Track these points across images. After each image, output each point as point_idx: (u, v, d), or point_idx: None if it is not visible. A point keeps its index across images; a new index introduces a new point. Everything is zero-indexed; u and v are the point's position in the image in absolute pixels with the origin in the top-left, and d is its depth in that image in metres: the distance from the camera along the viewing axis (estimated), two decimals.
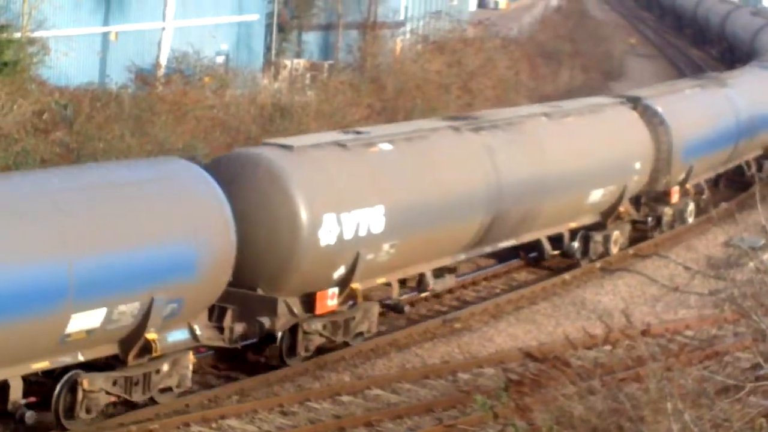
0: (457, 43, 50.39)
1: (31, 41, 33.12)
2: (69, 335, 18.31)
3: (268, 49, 44.71)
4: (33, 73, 32.74)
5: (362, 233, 23.09)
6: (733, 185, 41.42)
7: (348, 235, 22.73)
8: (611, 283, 30.82)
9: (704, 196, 36.96)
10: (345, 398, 22.10)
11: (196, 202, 20.18)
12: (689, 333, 27.16)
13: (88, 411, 19.44)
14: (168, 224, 19.65)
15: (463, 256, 26.96)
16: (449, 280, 26.82)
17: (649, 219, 34.14)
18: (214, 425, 20.46)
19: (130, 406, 20.34)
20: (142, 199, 19.43)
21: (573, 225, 30.64)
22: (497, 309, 27.99)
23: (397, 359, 24.45)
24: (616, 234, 32.05)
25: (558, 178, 28.71)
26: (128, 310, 18.98)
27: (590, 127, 31.05)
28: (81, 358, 18.99)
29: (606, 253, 31.81)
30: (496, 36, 54.53)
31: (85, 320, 18.41)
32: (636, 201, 33.67)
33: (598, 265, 31.85)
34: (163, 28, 38.31)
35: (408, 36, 51.32)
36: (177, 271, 19.54)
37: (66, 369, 19.12)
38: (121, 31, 38.32)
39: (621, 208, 32.12)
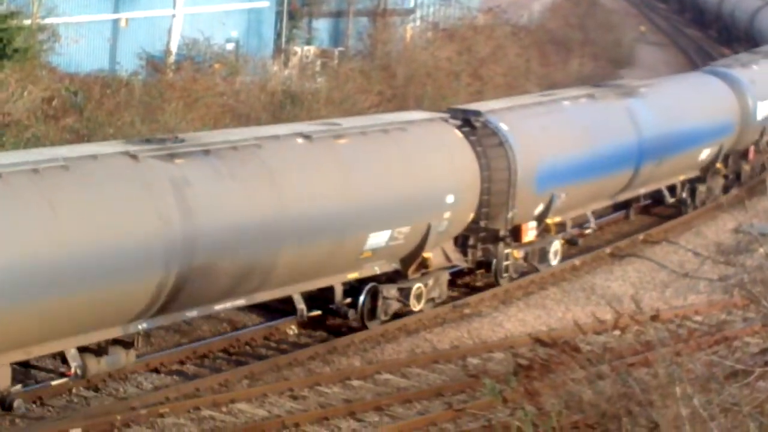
0: (467, 31, 50.38)
1: (42, 28, 33.18)
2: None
3: (278, 36, 44.71)
4: (43, 60, 32.82)
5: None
6: (652, 213, 36.35)
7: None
8: (621, 268, 30.84)
9: (588, 232, 31.69)
10: (355, 383, 22.17)
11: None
12: (698, 318, 27.19)
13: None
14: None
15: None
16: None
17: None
18: (224, 409, 20.55)
19: None
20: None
21: None
22: (507, 294, 28.03)
23: (407, 344, 24.52)
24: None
25: (297, 225, 21.69)
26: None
27: (375, 152, 23.86)
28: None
29: None
30: (507, 23, 54.46)
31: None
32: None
33: (608, 251, 31.88)
34: (174, 15, 38.33)
35: (418, 23, 51.29)
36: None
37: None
38: (132, 18, 38.37)
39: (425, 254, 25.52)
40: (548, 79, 50.58)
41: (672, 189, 35.34)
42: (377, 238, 23.58)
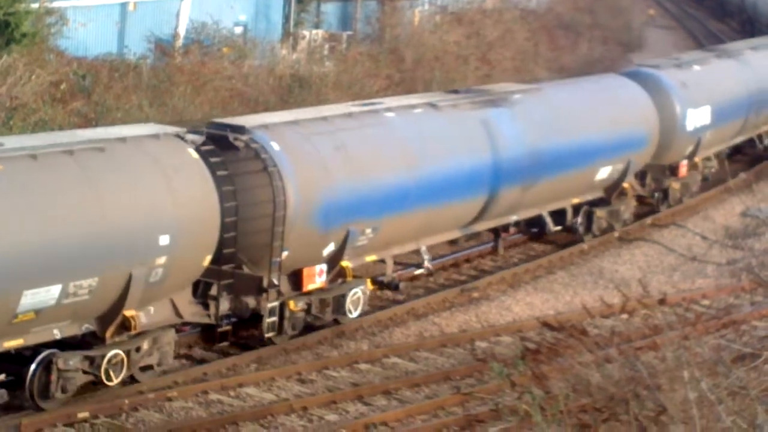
0: (475, 14, 50.31)
1: (49, 12, 33.18)
2: None
3: (286, 19, 44.66)
4: (51, 44, 32.83)
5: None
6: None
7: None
8: (629, 252, 30.82)
9: (420, 272, 26.63)
10: (363, 366, 22.20)
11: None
12: (706, 302, 27.18)
13: None
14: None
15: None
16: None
17: None
18: (232, 393, 20.58)
19: None
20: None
21: None
22: (515, 278, 28.04)
23: (415, 328, 24.54)
24: None
25: None
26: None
27: (49, 182, 18.25)
28: None
29: None
30: (515, 7, 54.38)
31: None
32: None
33: (616, 235, 31.86)
34: None
35: (426, 7, 51.19)
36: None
37: None
38: (140, 1, 38.33)
39: None
40: (557, 63, 50.52)
41: (561, 214, 29.62)
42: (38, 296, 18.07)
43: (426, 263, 25.64)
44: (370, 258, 24.14)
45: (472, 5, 51.74)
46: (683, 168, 33.88)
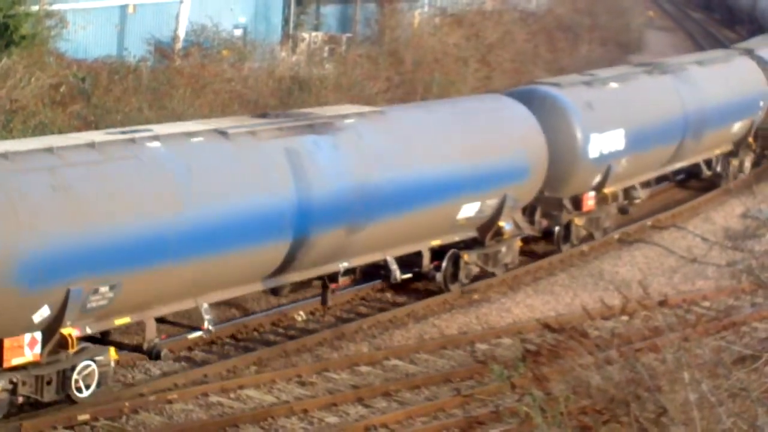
0: (475, 16, 50.28)
1: (49, 14, 33.12)
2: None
3: (286, 21, 44.65)
4: (51, 47, 32.76)
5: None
6: None
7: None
8: (629, 254, 30.82)
9: None
10: (363, 368, 22.20)
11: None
12: (706, 304, 27.19)
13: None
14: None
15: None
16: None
17: None
18: (232, 395, 20.58)
19: None
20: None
21: None
22: (515, 280, 28.03)
23: (415, 330, 24.54)
24: None
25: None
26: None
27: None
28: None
29: None
30: (515, 9, 54.38)
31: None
32: None
33: (616, 236, 31.86)
34: (182, 1, 38.25)
35: (426, 9, 51.17)
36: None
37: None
38: (139, 3, 38.32)
39: None
40: (556, 64, 50.52)
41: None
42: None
43: (206, 324, 20.83)
44: (121, 321, 19.69)
45: (472, 7, 51.71)
46: (588, 201, 29.71)
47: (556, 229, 29.41)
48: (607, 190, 30.22)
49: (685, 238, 32.71)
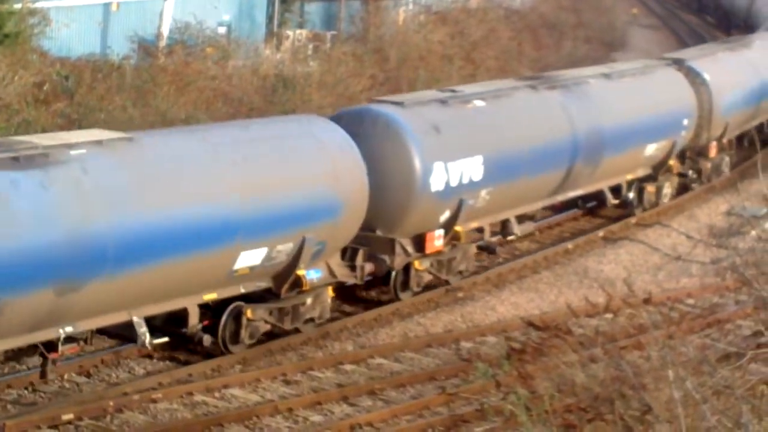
0: (459, 14, 50.32)
1: (32, 12, 33.06)
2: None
3: (270, 19, 44.59)
4: (34, 45, 32.72)
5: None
6: None
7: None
8: (613, 252, 30.84)
9: None
10: (348, 367, 22.17)
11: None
12: (691, 301, 27.22)
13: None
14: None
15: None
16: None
17: None
18: (217, 394, 20.53)
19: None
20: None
21: None
22: (500, 278, 28.02)
23: (400, 328, 24.51)
24: None
25: None
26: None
27: None
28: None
29: None
30: (499, 6, 54.43)
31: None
32: None
33: (601, 234, 31.87)
34: None
35: (411, 6, 51.17)
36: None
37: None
38: (123, 1, 38.24)
39: None
40: (541, 62, 50.55)
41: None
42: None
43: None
44: None
45: (457, 4, 51.74)
46: (433, 241, 25.04)
47: (393, 274, 25.00)
48: (460, 228, 25.53)
49: (670, 235, 32.75)
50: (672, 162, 33.72)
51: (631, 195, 32.48)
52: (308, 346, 23.09)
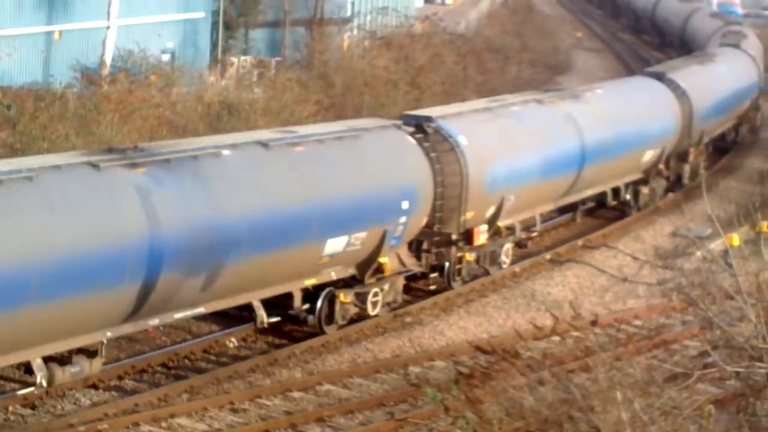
0: (404, 39, 50.43)
1: None
2: None
3: (214, 46, 44.54)
4: None
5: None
6: None
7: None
8: (561, 274, 30.91)
9: None
10: (296, 394, 22.03)
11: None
12: (638, 322, 27.31)
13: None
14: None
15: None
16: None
17: None
18: (164, 424, 20.33)
19: None
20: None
21: None
22: (448, 302, 27.99)
23: (348, 354, 24.41)
24: None
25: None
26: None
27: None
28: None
29: None
30: (444, 31, 54.58)
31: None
32: None
33: (548, 256, 31.95)
34: (108, 27, 38.02)
35: (355, 32, 51.27)
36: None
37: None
38: (65, 29, 38.03)
39: None
40: (486, 86, 50.74)
41: None
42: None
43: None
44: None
45: (401, 30, 51.85)
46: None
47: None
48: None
49: (616, 257, 32.89)
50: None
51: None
52: (256, 374, 22.92)
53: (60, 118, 31.59)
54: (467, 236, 28.03)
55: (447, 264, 27.91)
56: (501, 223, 28.91)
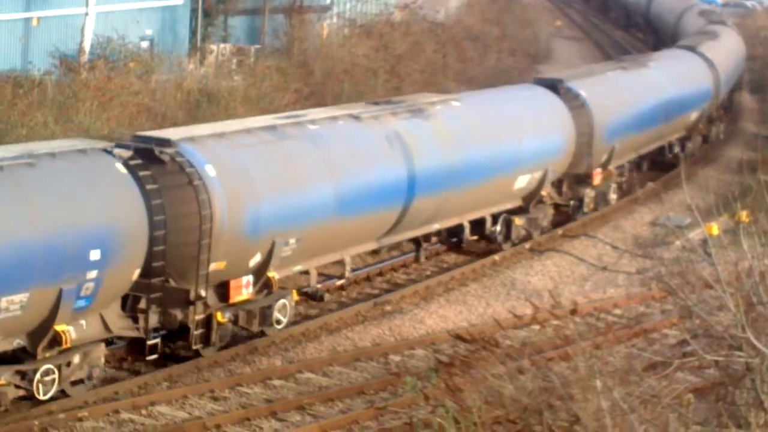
0: (384, 27, 50.39)
1: None
2: None
3: (193, 34, 44.36)
4: None
5: None
6: None
7: None
8: (540, 263, 30.97)
9: None
10: (276, 382, 22.03)
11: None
12: (617, 311, 27.38)
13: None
14: None
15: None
16: None
17: None
18: (144, 412, 20.31)
19: None
20: None
21: None
22: (428, 291, 28.03)
23: (328, 342, 24.42)
24: None
25: None
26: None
27: None
28: None
29: None
30: (423, 20, 54.54)
31: None
32: None
33: (527, 246, 32.02)
34: (87, 14, 37.85)
35: (335, 20, 51.17)
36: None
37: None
38: (44, 16, 37.84)
39: None
40: (466, 74, 50.76)
41: None
42: None
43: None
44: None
45: (381, 18, 51.80)
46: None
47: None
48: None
49: (596, 246, 32.96)
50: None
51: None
52: (236, 362, 22.92)
53: (39, 105, 31.50)
54: (223, 291, 22.73)
55: (189, 326, 22.02)
56: (272, 273, 23.28)
